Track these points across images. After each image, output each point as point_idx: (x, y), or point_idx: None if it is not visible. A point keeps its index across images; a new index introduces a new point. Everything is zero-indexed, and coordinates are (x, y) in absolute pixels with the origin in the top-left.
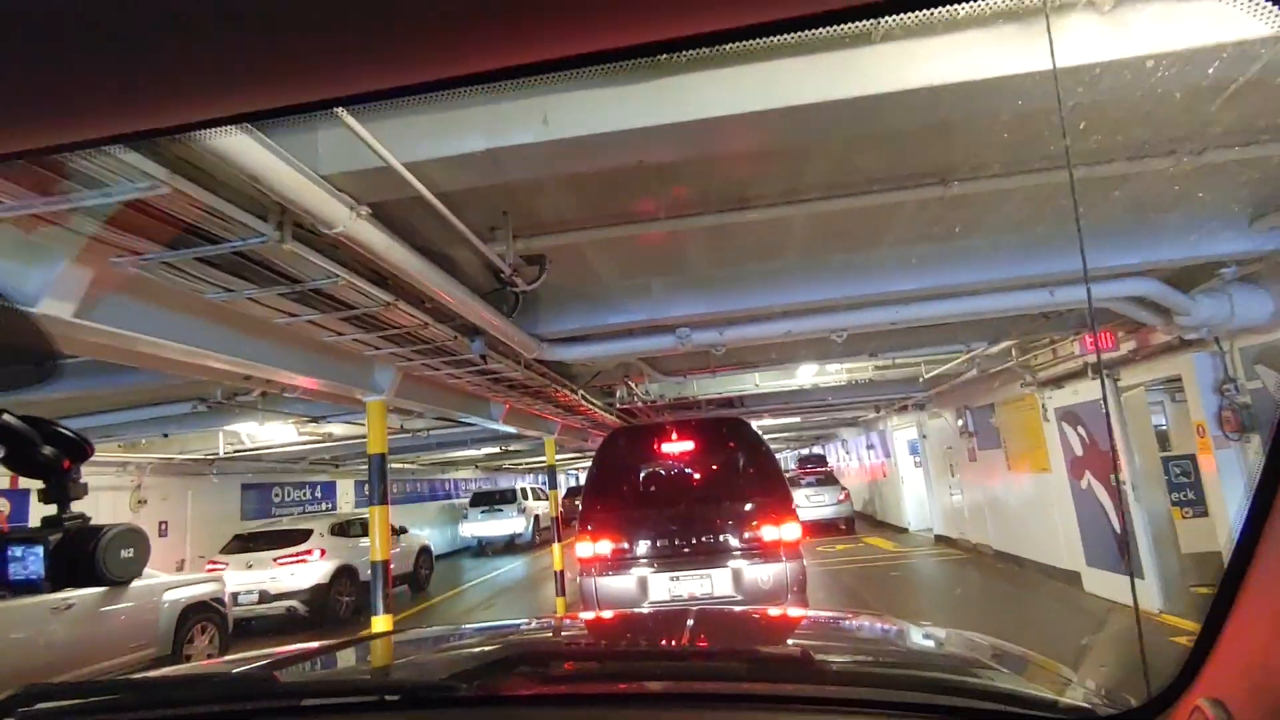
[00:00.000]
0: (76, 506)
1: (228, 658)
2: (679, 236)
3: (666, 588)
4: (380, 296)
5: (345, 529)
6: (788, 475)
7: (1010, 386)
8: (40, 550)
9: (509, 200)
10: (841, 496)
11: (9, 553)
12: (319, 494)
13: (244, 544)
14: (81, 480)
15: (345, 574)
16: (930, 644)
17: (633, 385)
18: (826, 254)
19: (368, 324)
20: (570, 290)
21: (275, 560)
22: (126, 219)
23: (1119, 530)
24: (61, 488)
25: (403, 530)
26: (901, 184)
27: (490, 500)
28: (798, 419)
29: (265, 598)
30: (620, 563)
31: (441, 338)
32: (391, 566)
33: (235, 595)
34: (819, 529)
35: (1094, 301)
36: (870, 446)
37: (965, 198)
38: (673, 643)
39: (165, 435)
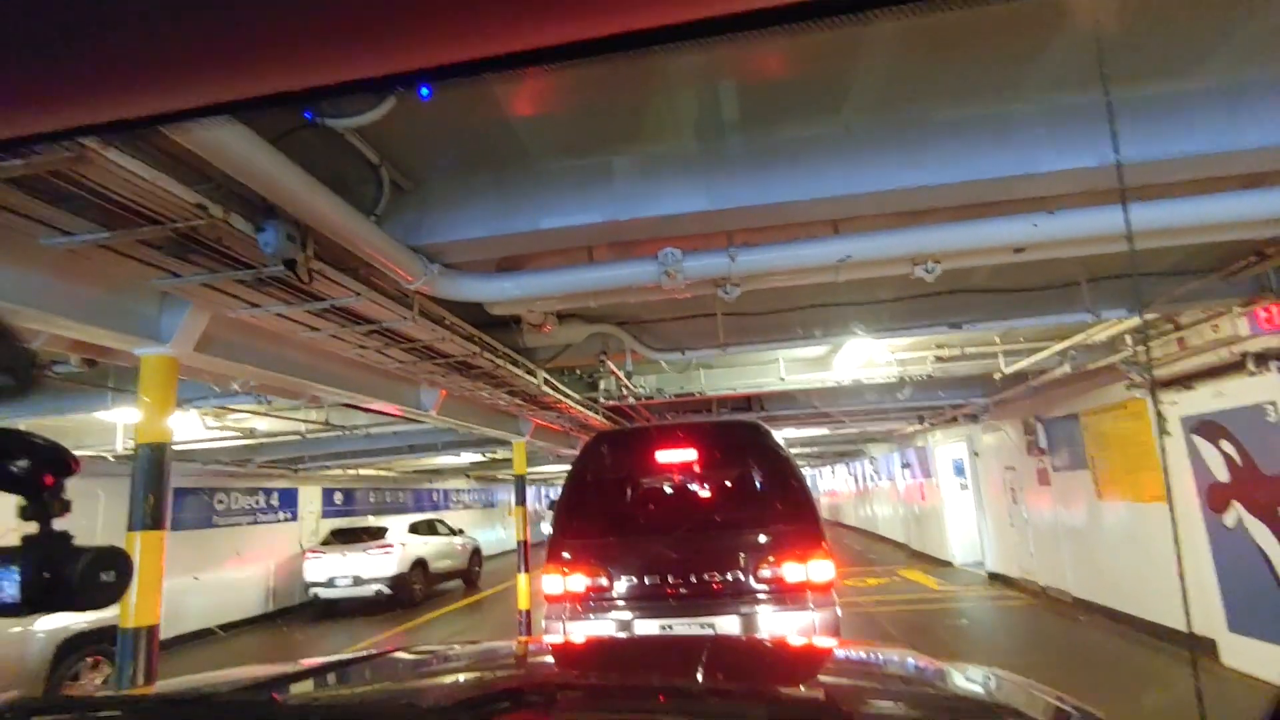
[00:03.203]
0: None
1: (228, 673)
2: (659, 67)
3: None
4: None
5: (416, 529)
6: None
7: (1107, 390)
8: (16, 572)
9: None
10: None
11: None
12: (275, 502)
13: (337, 538)
14: (65, 496)
15: (419, 565)
16: (976, 689)
17: (617, 371)
18: (919, 106)
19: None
20: (474, 172)
21: (367, 550)
22: None
23: None
24: (41, 504)
25: (460, 532)
26: None
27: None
28: (825, 430)
29: (359, 581)
30: (598, 604)
31: (171, 209)
32: (451, 564)
33: (332, 579)
34: None
35: None
36: (906, 465)
37: None
38: (687, 679)
39: None
